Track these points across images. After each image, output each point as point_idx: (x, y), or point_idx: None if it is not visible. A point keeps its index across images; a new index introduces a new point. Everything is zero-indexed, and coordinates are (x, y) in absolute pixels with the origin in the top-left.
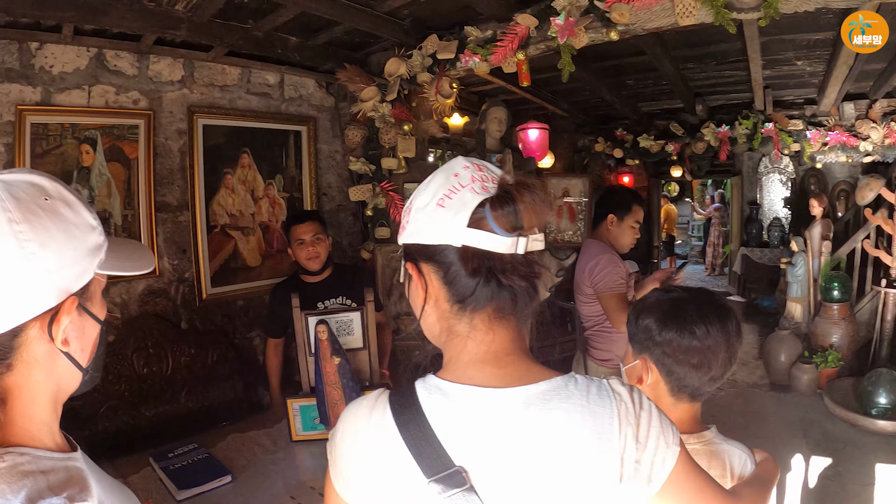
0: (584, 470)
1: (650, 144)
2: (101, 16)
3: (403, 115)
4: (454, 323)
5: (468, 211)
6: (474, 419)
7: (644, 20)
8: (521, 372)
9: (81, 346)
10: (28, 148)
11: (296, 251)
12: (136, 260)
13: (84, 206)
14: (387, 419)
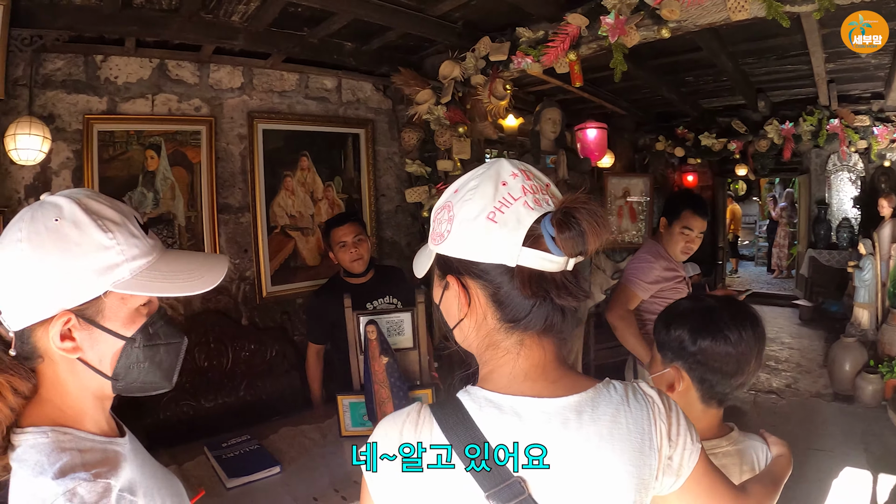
0: (631, 468)
1: (712, 142)
2: (162, 29)
3: (458, 117)
4: (501, 339)
5: (524, 229)
6: (529, 429)
7: (695, 16)
8: (569, 382)
9: (98, 356)
10: (95, 154)
11: (338, 254)
12: (186, 280)
13: (98, 226)
14: (436, 433)
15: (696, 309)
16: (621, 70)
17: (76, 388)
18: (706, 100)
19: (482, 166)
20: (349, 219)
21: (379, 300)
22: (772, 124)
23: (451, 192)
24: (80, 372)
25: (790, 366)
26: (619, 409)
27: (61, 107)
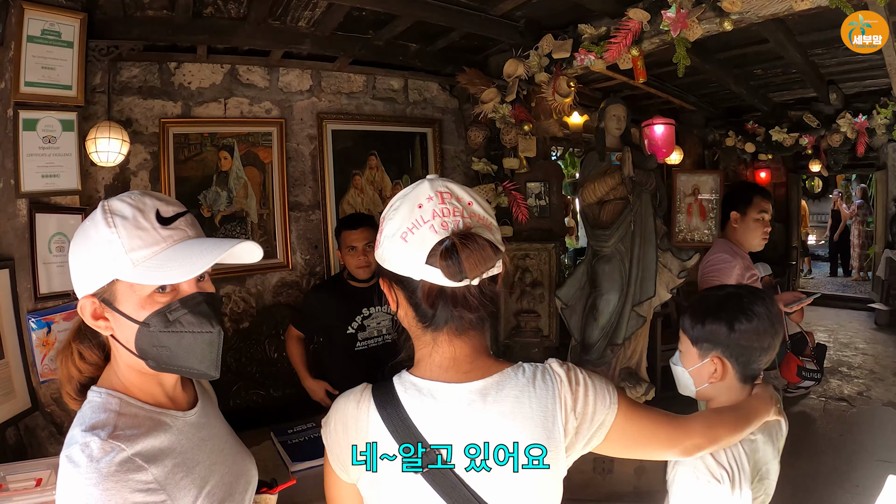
0: (535, 441)
1: (783, 137)
2: (231, 36)
3: (523, 115)
4: (419, 333)
5: (426, 250)
6: (443, 408)
7: (758, 7)
8: (481, 369)
9: (123, 337)
10: (171, 156)
11: (345, 257)
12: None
13: (105, 223)
14: (372, 411)
15: (722, 298)
16: (685, 64)
17: (122, 361)
18: (776, 93)
19: (412, 185)
20: (364, 223)
21: (376, 308)
22: (844, 118)
23: (389, 206)
24: (118, 347)
25: (863, 372)
26: (524, 390)
27: (138, 111)
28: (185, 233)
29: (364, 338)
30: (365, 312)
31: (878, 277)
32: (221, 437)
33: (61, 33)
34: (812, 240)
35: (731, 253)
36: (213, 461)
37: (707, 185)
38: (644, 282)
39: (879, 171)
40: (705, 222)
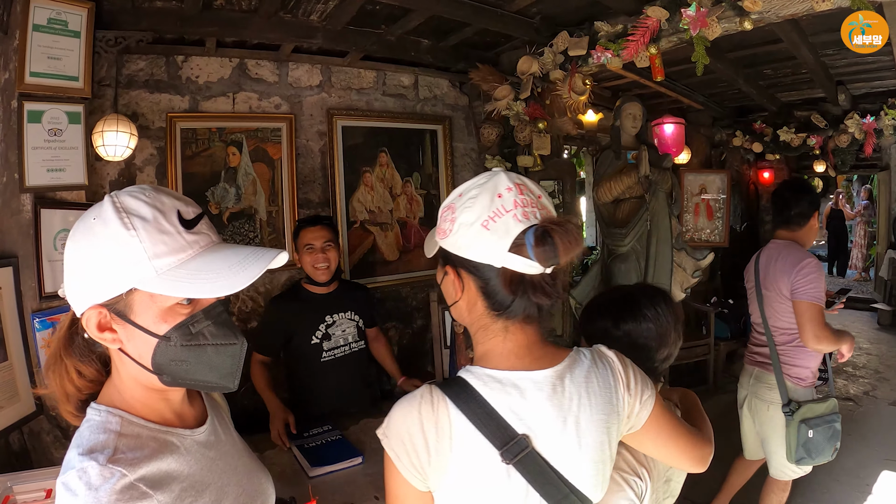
0: (603, 416)
1: (791, 137)
2: (241, 29)
3: (538, 112)
4: (489, 323)
5: (511, 238)
6: (527, 396)
7: (778, 7)
8: (550, 356)
9: (135, 351)
10: (179, 151)
11: (303, 257)
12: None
13: (121, 223)
14: (452, 409)
15: (614, 298)
16: (703, 63)
17: (127, 376)
18: (784, 93)
19: (483, 176)
20: (321, 221)
21: (339, 314)
22: (852, 118)
23: (455, 195)
24: (126, 362)
25: (868, 372)
26: (591, 372)
27: (144, 105)
28: (209, 238)
29: (330, 347)
30: (328, 320)
31: (880, 278)
32: (234, 454)
33: (68, 22)
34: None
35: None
36: (225, 482)
37: (714, 184)
38: (659, 281)
39: (883, 172)
40: (712, 222)
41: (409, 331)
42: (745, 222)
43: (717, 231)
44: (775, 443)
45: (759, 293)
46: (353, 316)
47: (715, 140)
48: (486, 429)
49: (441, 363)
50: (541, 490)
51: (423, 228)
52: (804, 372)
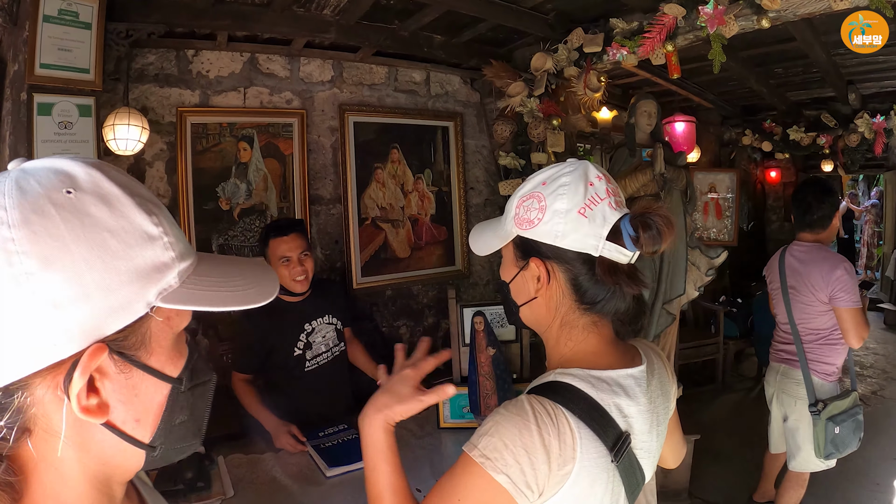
0: (669, 405)
1: (800, 137)
2: (253, 23)
3: (552, 109)
4: (576, 319)
5: (608, 225)
6: (630, 394)
7: (796, 5)
8: (631, 351)
9: (135, 413)
10: (189, 146)
11: (278, 270)
12: (243, 288)
13: (136, 204)
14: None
15: None
16: (720, 61)
17: (79, 478)
18: (794, 92)
19: (566, 165)
20: (295, 228)
21: (318, 320)
22: (862, 118)
23: (537, 183)
24: (93, 446)
25: (875, 372)
26: (654, 363)
27: (154, 100)
28: None
29: (313, 356)
30: (308, 328)
31: (886, 277)
32: None
33: (79, 14)
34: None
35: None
36: None
37: (723, 183)
38: (674, 279)
39: (890, 172)
40: (721, 221)
41: (420, 329)
42: (752, 221)
43: (727, 230)
44: (802, 437)
45: (785, 293)
46: (331, 319)
47: (724, 139)
48: (602, 431)
49: (458, 360)
50: (626, 482)
51: (434, 226)
52: (830, 368)
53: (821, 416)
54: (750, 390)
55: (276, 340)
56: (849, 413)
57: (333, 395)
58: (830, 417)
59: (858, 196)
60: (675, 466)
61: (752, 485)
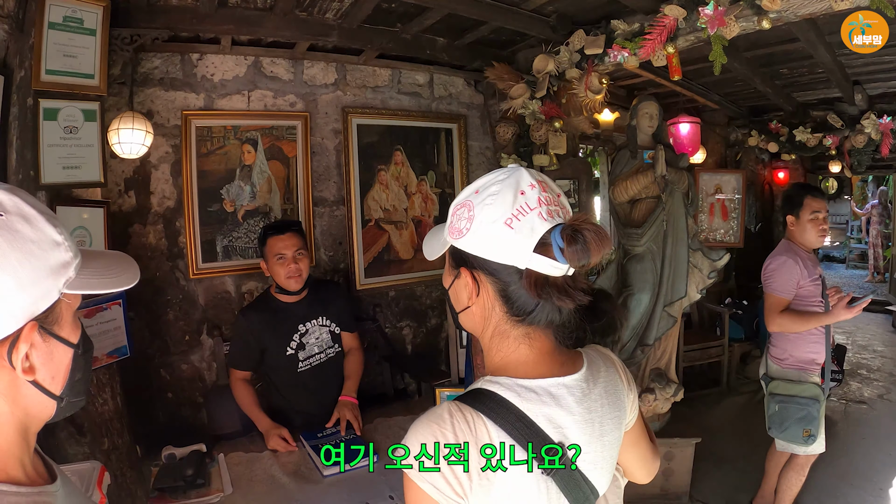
0: (618, 413)
1: (807, 137)
2: (257, 27)
3: (554, 111)
4: (509, 329)
5: (536, 237)
6: (561, 403)
7: (796, 6)
8: (571, 359)
9: (51, 372)
10: (194, 148)
11: (273, 267)
12: (117, 274)
13: (46, 220)
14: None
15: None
16: (721, 62)
17: (8, 424)
18: (800, 93)
19: (502, 172)
20: (291, 227)
21: (311, 322)
22: (869, 118)
23: (471, 191)
24: (21, 399)
25: (882, 375)
26: (605, 372)
27: (159, 103)
28: None
29: (305, 357)
30: (301, 329)
31: (895, 280)
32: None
33: (83, 20)
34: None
35: (789, 253)
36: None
37: (729, 184)
38: (675, 282)
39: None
40: (727, 222)
41: (423, 330)
42: (760, 223)
43: (732, 231)
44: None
45: None
46: (325, 321)
47: (730, 140)
48: (525, 441)
49: (457, 363)
50: (569, 495)
51: None
52: (782, 354)
53: (767, 390)
54: (755, 393)
55: (270, 340)
56: (795, 399)
57: (326, 395)
58: (772, 394)
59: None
60: (645, 481)
61: (754, 489)
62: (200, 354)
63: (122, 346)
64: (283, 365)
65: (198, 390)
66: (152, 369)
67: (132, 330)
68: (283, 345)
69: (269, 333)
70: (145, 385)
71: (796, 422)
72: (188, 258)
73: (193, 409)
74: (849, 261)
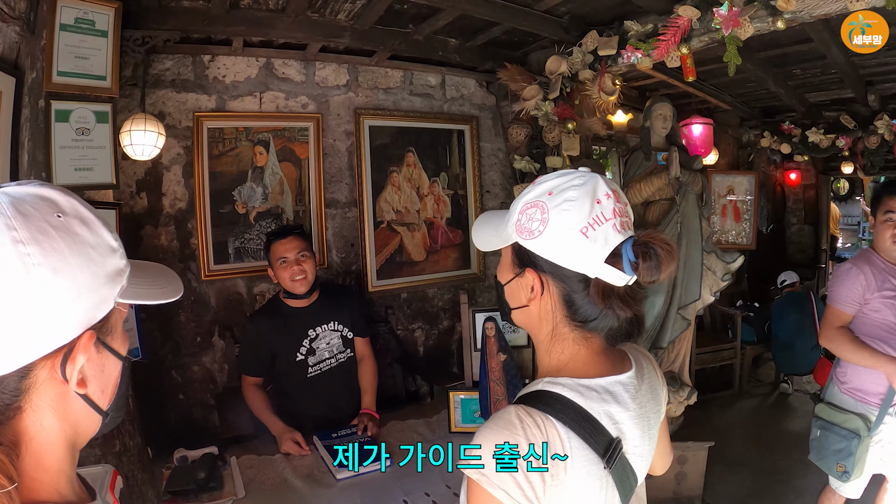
0: (660, 407)
1: (819, 139)
2: (268, 28)
3: (567, 112)
4: (567, 332)
5: (609, 248)
6: (619, 400)
7: (811, 6)
8: (621, 357)
9: (101, 386)
10: (206, 150)
11: (278, 272)
12: (163, 286)
13: (102, 224)
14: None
15: None
16: (735, 63)
17: (59, 440)
18: (813, 93)
19: (576, 176)
20: (292, 231)
21: (322, 327)
22: (882, 119)
23: (542, 192)
24: (70, 414)
25: None
26: (644, 367)
27: (171, 105)
28: None
29: (315, 362)
30: (311, 334)
31: None
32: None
33: (95, 22)
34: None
35: (860, 260)
36: None
37: (742, 186)
38: (689, 284)
39: None
40: (739, 224)
41: (435, 332)
42: (772, 224)
43: (745, 233)
44: None
45: None
46: (337, 326)
47: (743, 141)
48: (592, 439)
49: (470, 365)
50: (621, 488)
51: (450, 229)
52: (844, 377)
53: (814, 411)
54: (767, 396)
55: (279, 345)
56: (835, 429)
57: (336, 401)
58: (816, 417)
59: None
60: (662, 473)
61: (767, 493)
62: (212, 356)
63: (134, 347)
64: (293, 370)
65: (209, 392)
66: (164, 371)
67: (144, 332)
68: (293, 350)
69: (278, 339)
70: (157, 387)
71: (833, 453)
72: (200, 260)
73: (205, 411)
74: None
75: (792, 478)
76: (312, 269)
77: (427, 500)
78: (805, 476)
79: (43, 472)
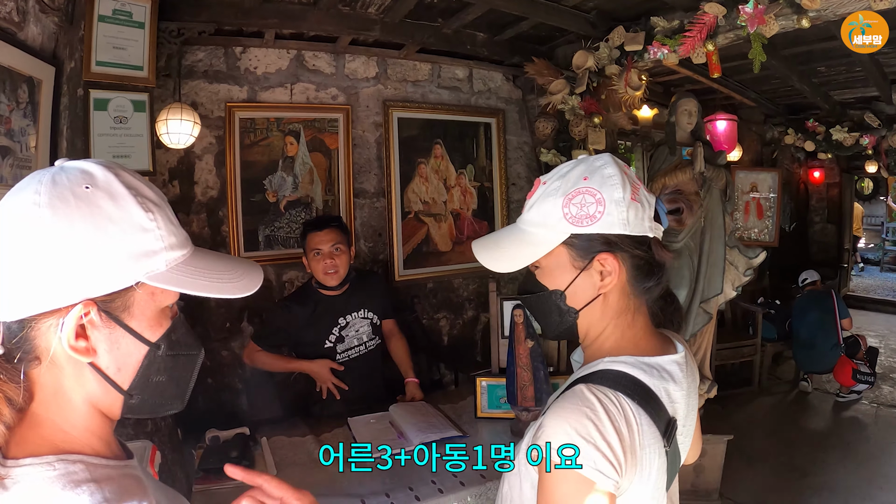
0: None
1: (843, 137)
2: (300, 21)
3: (593, 107)
4: (623, 308)
5: (653, 206)
6: (675, 379)
7: (836, 5)
8: (666, 338)
9: (117, 363)
10: (238, 140)
11: (311, 263)
12: (219, 280)
13: (138, 202)
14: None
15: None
16: (760, 60)
17: (81, 401)
18: (837, 91)
19: (593, 159)
20: (329, 224)
21: (353, 314)
22: None
23: (577, 178)
24: (86, 381)
25: None
26: (688, 353)
27: (203, 95)
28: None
29: (344, 349)
30: (342, 322)
31: None
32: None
33: (132, 13)
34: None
35: None
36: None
37: (765, 183)
38: (712, 278)
39: None
40: (762, 221)
41: (460, 321)
42: (794, 222)
43: (767, 230)
44: None
45: None
46: (367, 314)
47: (766, 138)
48: (657, 416)
49: (497, 352)
50: (670, 466)
51: (476, 220)
52: None
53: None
54: (787, 394)
55: (308, 331)
56: None
57: (363, 388)
58: None
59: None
60: (692, 462)
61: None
62: (241, 341)
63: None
64: (321, 357)
65: (237, 377)
66: None
67: None
68: (322, 337)
69: (309, 326)
70: None
71: None
72: (231, 247)
73: (232, 395)
74: (883, 263)
75: (809, 475)
76: (345, 264)
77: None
78: (822, 474)
79: (71, 427)
